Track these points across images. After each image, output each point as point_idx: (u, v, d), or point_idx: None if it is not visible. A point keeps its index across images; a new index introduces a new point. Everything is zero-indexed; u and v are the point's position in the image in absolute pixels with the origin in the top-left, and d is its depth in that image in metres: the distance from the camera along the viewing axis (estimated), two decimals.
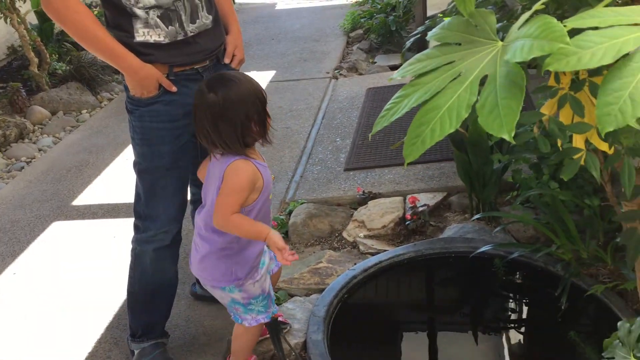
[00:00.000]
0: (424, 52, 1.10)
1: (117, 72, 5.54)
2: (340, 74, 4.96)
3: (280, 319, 2.20)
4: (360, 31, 5.88)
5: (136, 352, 2.17)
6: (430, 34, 1.13)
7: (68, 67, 5.16)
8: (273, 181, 1.91)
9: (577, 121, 1.19)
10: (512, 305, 2.57)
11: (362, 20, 5.91)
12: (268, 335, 2.21)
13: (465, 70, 0.98)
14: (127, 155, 3.92)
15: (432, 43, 3.65)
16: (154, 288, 2.14)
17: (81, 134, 4.32)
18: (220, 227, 1.79)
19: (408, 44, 3.20)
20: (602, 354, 1.24)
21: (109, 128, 4.36)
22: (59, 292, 2.68)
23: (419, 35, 3.31)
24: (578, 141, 1.28)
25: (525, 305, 2.53)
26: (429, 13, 4.35)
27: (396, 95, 1.07)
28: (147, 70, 1.89)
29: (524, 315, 2.50)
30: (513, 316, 2.54)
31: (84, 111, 4.77)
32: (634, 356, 1.12)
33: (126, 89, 1.98)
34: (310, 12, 6.79)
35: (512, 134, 0.87)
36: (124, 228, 3.10)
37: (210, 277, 1.92)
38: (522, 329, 2.44)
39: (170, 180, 2.04)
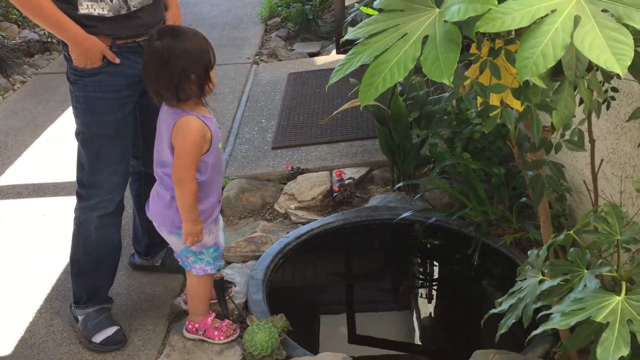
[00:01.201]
0: (372, 17, 1.28)
1: (28, 55, 5.40)
2: (261, 60, 5.09)
3: (224, 279, 2.32)
4: (277, 19, 6.02)
5: (80, 317, 2.23)
6: (376, 2, 1.30)
7: None
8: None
9: (495, 82, 1.41)
10: (431, 264, 2.84)
11: (279, 8, 6.06)
12: (212, 301, 2.33)
13: (409, 31, 1.16)
14: (48, 136, 3.86)
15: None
16: (99, 254, 2.21)
17: None
18: (179, 181, 1.91)
19: (348, 19, 3.51)
20: (516, 279, 1.47)
21: (25, 110, 4.25)
22: None
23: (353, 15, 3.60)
24: (495, 100, 1.51)
25: (443, 264, 2.80)
26: (347, 2, 4.56)
27: (349, 53, 1.24)
28: (91, 42, 1.96)
29: (442, 273, 2.77)
30: (432, 274, 2.80)
31: None
32: (542, 274, 1.36)
33: (68, 59, 2.04)
34: None
35: (452, 79, 1.07)
36: (53, 206, 3.10)
37: (168, 222, 2.02)
38: (441, 285, 2.70)
39: (114, 149, 2.12)
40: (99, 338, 2.18)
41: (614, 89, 1.67)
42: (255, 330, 2.06)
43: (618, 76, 1.49)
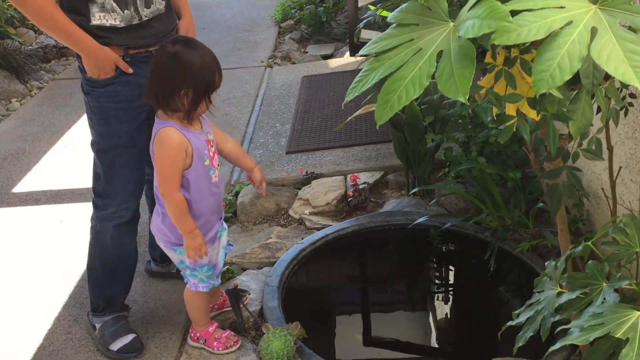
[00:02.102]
0: (385, 32, 1.27)
1: (45, 60, 5.45)
2: (275, 63, 5.09)
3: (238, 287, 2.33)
4: (291, 21, 6.02)
5: (98, 325, 2.25)
6: (390, 16, 1.30)
7: None
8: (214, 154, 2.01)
9: (510, 92, 1.40)
10: (446, 269, 2.82)
11: (292, 10, 6.06)
12: (227, 308, 2.34)
13: (424, 46, 1.16)
14: (65, 142, 3.90)
15: (365, 33, 3.83)
16: (115, 263, 2.23)
17: (14, 123, 4.24)
18: (162, 196, 1.91)
19: (361, 25, 3.51)
20: (533, 290, 1.46)
21: (42, 116, 4.30)
22: (10, 277, 2.69)
23: (365, 21, 3.59)
24: (510, 110, 1.49)
25: (459, 269, 2.78)
26: (360, 4, 4.55)
27: (364, 69, 1.24)
28: (104, 52, 1.97)
29: (458, 278, 2.75)
30: (448, 279, 2.79)
31: (14, 100, 4.67)
32: (560, 286, 1.35)
33: (82, 70, 2.05)
34: (240, 2, 6.86)
35: (467, 97, 1.06)
36: (70, 212, 3.13)
37: (165, 237, 2.04)
38: (457, 290, 2.69)
39: (129, 158, 2.13)
40: (116, 346, 2.20)
41: (632, 96, 1.65)
42: (271, 338, 2.07)
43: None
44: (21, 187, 3.41)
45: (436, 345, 2.43)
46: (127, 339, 2.21)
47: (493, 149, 2.73)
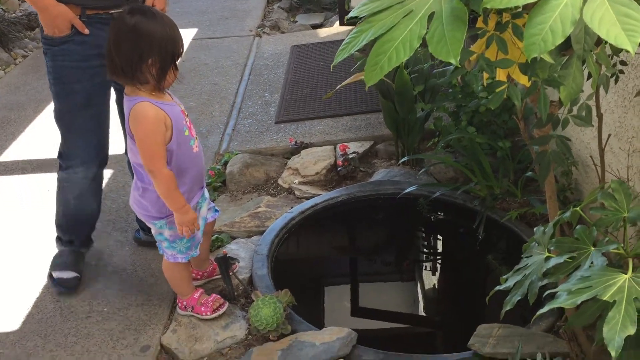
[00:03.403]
0: None
1: (29, 28, 5.35)
2: (264, 32, 5.03)
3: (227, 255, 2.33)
4: None
5: (57, 251, 2.43)
6: None
7: None
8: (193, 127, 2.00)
9: (502, 57, 1.39)
10: (435, 238, 2.84)
11: None
12: (216, 276, 2.35)
13: (415, 8, 1.14)
14: (51, 111, 3.84)
15: (356, 1, 3.79)
16: (76, 219, 2.37)
17: None
18: (150, 173, 1.88)
19: None
20: (522, 255, 1.47)
21: (27, 85, 4.23)
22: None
23: None
24: (501, 76, 1.49)
25: (448, 238, 2.80)
26: None
27: (354, 31, 1.22)
28: (59, 9, 2.00)
29: (446, 247, 2.77)
30: (437, 248, 2.81)
31: None
32: (548, 251, 1.36)
33: (42, 29, 2.08)
34: None
35: (458, 59, 1.05)
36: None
37: (144, 211, 2.03)
38: (445, 259, 2.71)
39: (86, 119, 2.17)
40: (56, 274, 2.34)
41: (623, 63, 1.64)
42: (261, 305, 2.08)
43: (627, 51, 1.47)
44: (7, 156, 3.37)
45: (424, 314, 2.45)
46: (68, 274, 2.34)
47: (483, 118, 2.73)
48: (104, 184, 2.99)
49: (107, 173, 3.11)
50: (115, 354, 2.08)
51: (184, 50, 1.89)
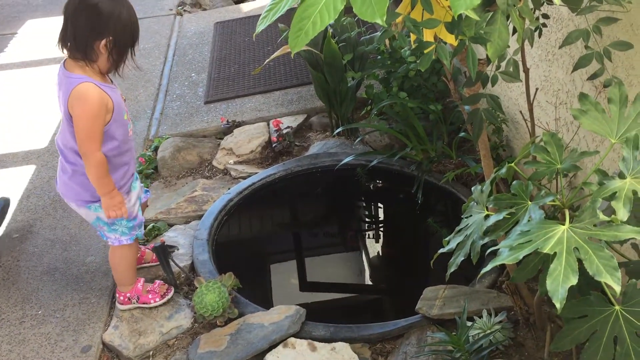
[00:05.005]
0: None
1: None
2: (185, 10, 4.86)
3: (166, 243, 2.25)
4: None
5: None
6: None
7: None
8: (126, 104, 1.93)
9: (427, 18, 1.36)
10: (376, 206, 2.84)
11: None
12: (146, 264, 2.27)
13: None
14: None
15: None
16: None
17: None
18: (84, 155, 1.81)
19: None
20: (462, 216, 1.47)
21: None
22: None
23: None
24: (428, 36, 1.46)
25: (388, 205, 2.80)
26: None
27: None
28: None
29: (387, 214, 2.78)
30: (378, 216, 2.81)
31: None
32: (487, 209, 1.36)
33: None
34: None
35: (384, 18, 1.01)
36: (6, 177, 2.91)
37: (76, 195, 1.94)
38: (387, 226, 2.72)
39: None
40: None
41: (545, 16, 1.65)
42: (204, 291, 2.02)
43: (549, 2, 1.48)
44: None
45: (372, 282, 2.46)
46: None
47: (413, 83, 2.72)
48: (26, 181, 2.85)
49: (30, 169, 2.95)
50: (55, 358, 1.98)
51: None
